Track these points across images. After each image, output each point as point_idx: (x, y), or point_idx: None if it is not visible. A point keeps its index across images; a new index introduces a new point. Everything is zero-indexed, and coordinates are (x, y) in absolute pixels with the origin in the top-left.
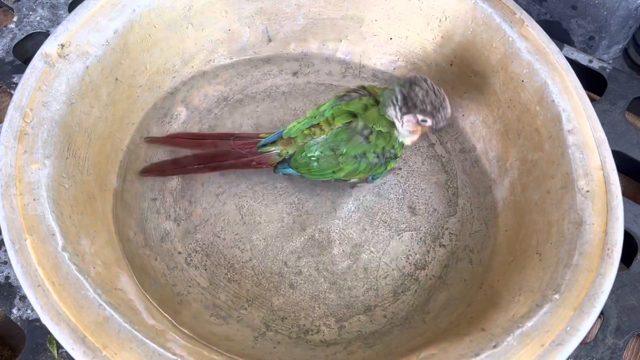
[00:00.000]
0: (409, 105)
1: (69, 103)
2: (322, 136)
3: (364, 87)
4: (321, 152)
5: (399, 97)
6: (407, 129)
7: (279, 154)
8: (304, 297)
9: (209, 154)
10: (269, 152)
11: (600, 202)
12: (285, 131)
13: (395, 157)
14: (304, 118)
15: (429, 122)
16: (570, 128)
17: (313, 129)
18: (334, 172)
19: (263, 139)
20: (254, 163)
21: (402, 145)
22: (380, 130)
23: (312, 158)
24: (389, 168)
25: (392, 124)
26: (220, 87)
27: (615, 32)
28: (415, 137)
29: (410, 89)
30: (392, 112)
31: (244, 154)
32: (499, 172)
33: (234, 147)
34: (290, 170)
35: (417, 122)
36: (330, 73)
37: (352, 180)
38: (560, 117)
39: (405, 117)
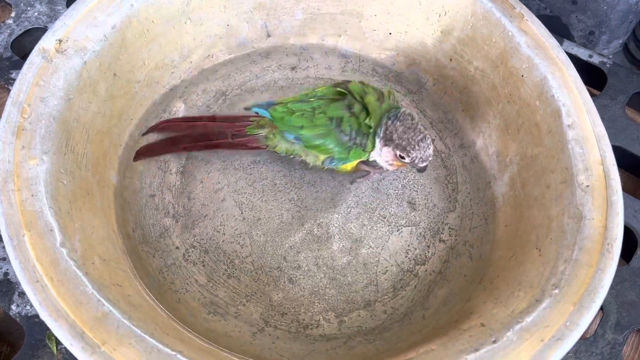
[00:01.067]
0: (387, 138)
1: (66, 99)
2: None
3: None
4: (302, 107)
5: (383, 127)
6: (384, 159)
7: (266, 137)
8: (304, 292)
9: (200, 133)
10: (256, 134)
11: (600, 197)
12: (271, 108)
13: (364, 148)
14: (292, 97)
15: (407, 159)
16: (570, 123)
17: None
18: (302, 127)
19: (253, 108)
20: (241, 145)
21: (374, 146)
22: (366, 123)
23: (290, 111)
24: (350, 156)
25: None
26: (218, 83)
27: (615, 26)
28: (390, 168)
29: (392, 122)
30: (378, 137)
31: (233, 135)
32: (499, 167)
33: (224, 128)
34: (264, 112)
35: (395, 156)
36: (330, 67)
37: (311, 157)
38: (560, 112)
39: (385, 148)
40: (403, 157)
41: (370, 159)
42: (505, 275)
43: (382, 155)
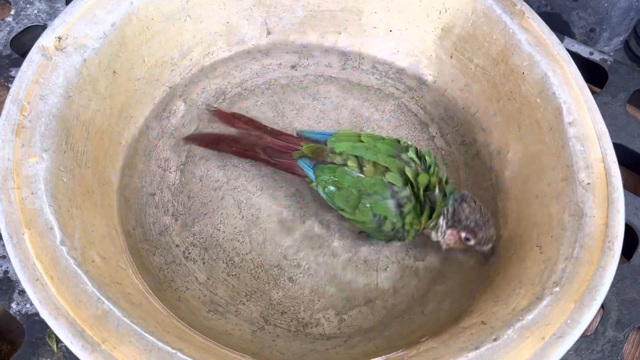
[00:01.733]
0: (454, 220)
1: (66, 96)
2: (361, 174)
3: (426, 158)
4: (348, 187)
5: (450, 209)
6: (446, 241)
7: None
8: (303, 290)
9: (251, 142)
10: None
11: (601, 195)
12: (331, 139)
13: (402, 239)
14: (356, 138)
15: (472, 242)
16: (570, 120)
17: (359, 160)
18: (342, 210)
19: (303, 133)
20: (285, 168)
21: (416, 235)
22: (414, 226)
23: (337, 183)
24: (387, 244)
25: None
26: (218, 81)
27: (616, 23)
28: (446, 245)
29: (460, 204)
30: (441, 222)
31: (281, 153)
32: (500, 165)
33: (275, 144)
34: (309, 169)
35: (460, 239)
36: (330, 65)
37: (351, 221)
38: (561, 109)
39: (449, 231)
40: (469, 240)
41: (433, 239)
42: (506, 273)
43: (445, 237)
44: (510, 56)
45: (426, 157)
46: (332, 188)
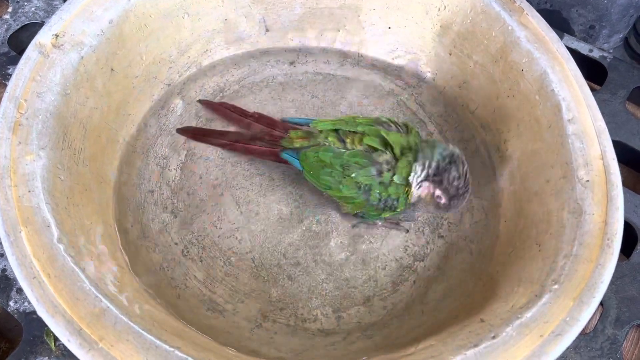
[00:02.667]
0: (436, 177)
1: (63, 94)
2: (341, 149)
3: (406, 126)
4: (331, 162)
5: (434, 165)
6: (417, 193)
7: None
8: (302, 288)
9: (240, 133)
10: (288, 149)
11: (600, 192)
12: (314, 122)
13: (394, 209)
14: (337, 119)
15: (443, 200)
16: (570, 117)
17: (339, 134)
18: (329, 187)
19: (287, 119)
20: (274, 155)
21: (406, 202)
22: (397, 182)
23: (320, 163)
24: (382, 216)
25: (408, 179)
26: (216, 78)
27: (615, 21)
28: (418, 199)
29: (447, 165)
30: (418, 171)
31: (269, 142)
32: (499, 162)
33: (264, 134)
34: (295, 160)
35: (432, 195)
36: (328, 62)
37: (341, 205)
38: (560, 107)
39: (425, 183)
40: (439, 203)
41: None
42: (505, 270)
43: (420, 187)
44: (509, 53)
45: (407, 124)
46: (318, 169)
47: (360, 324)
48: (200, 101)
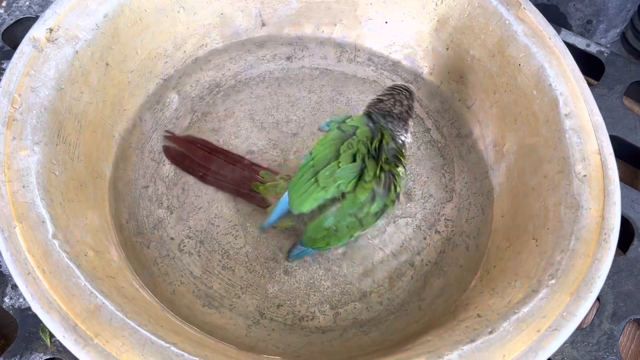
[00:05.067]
0: (403, 122)
1: (58, 88)
2: (336, 206)
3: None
4: (338, 220)
5: (395, 122)
6: (404, 139)
7: (277, 190)
8: (299, 284)
9: (211, 168)
10: (262, 194)
11: (598, 187)
12: (293, 205)
13: (395, 193)
14: (309, 183)
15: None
16: (567, 112)
17: (326, 204)
18: (352, 236)
19: (268, 207)
20: (247, 197)
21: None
22: (397, 174)
23: (331, 229)
24: (391, 201)
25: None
26: (212, 73)
27: (613, 15)
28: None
29: (377, 104)
30: (405, 136)
31: (238, 184)
32: (496, 157)
33: (235, 172)
34: (306, 251)
35: (407, 118)
36: (325, 57)
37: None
38: (557, 101)
39: (410, 122)
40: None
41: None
42: (502, 265)
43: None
44: (506, 48)
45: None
46: (332, 235)
47: (357, 320)
48: (167, 135)
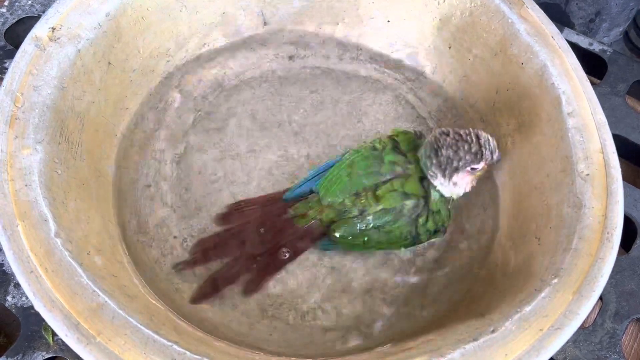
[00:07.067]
0: (450, 168)
1: (60, 87)
2: (367, 215)
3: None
4: (364, 231)
5: (434, 163)
6: (461, 185)
7: (321, 221)
8: (301, 282)
9: (243, 253)
10: (309, 223)
11: (600, 186)
12: (321, 193)
13: (444, 228)
14: (336, 174)
15: (482, 165)
16: (570, 111)
17: (355, 199)
18: (379, 246)
19: (287, 192)
20: (299, 244)
21: (450, 214)
22: (438, 210)
23: (357, 235)
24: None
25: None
26: (214, 72)
27: (615, 14)
28: (470, 185)
29: (436, 151)
30: (437, 174)
31: (281, 236)
32: None
33: (265, 233)
34: (332, 246)
35: (469, 172)
36: (327, 56)
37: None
38: (560, 100)
39: (457, 176)
40: (475, 169)
41: (447, 196)
42: (505, 264)
43: (457, 185)
44: (509, 46)
45: (395, 135)
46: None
47: (359, 319)
48: (177, 268)
